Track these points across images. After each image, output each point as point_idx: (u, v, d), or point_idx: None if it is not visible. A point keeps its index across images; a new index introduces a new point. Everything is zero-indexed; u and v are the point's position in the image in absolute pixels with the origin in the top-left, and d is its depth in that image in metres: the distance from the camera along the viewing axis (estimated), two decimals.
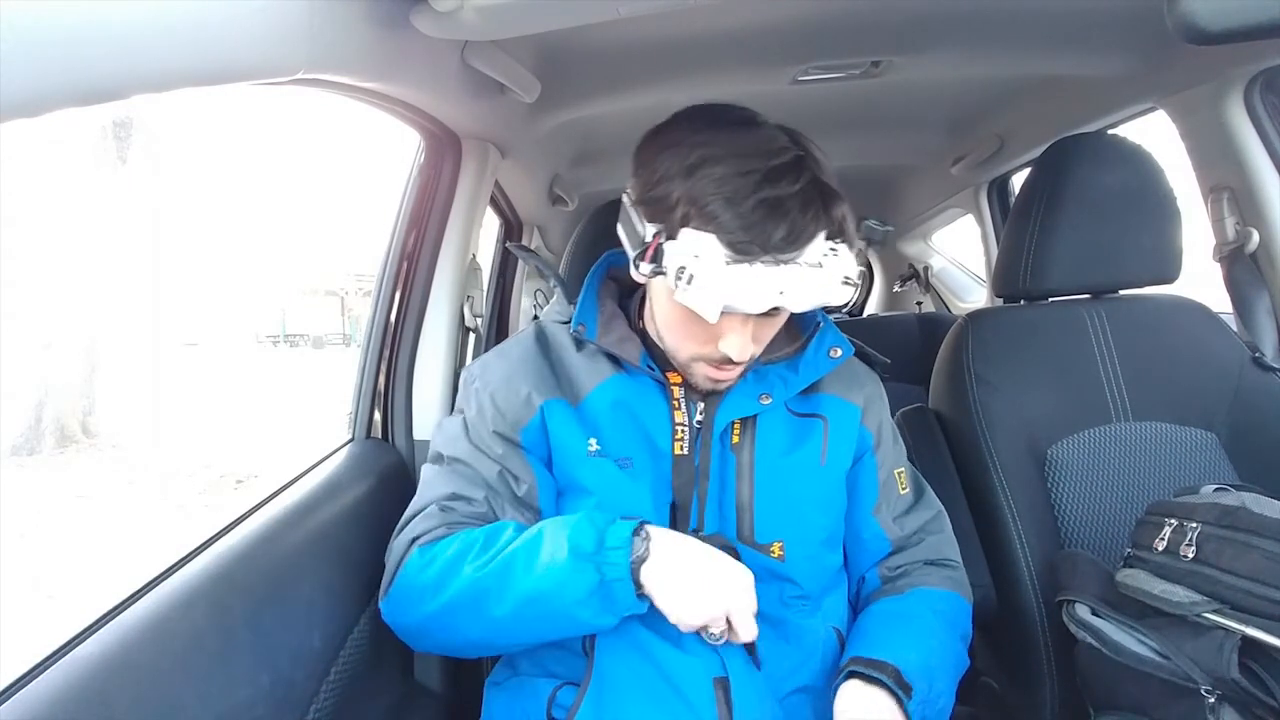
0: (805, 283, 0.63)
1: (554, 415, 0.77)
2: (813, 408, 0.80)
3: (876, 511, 0.82)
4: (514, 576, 0.67)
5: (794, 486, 0.77)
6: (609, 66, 1.16)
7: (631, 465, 0.76)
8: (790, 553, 0.76)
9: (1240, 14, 0.59)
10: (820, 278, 0.64)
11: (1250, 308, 1.13)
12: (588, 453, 0.76)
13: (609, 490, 0.75)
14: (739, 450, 0.77)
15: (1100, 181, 1.05)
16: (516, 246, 0.97)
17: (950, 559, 0.85)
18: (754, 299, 0.62)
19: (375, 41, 0.71)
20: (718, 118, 0.68)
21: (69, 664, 0.51)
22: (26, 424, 5.79)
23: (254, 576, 0.68)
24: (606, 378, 0.78)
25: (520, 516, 0.76)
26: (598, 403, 0.78)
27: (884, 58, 1.17)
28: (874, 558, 0.83)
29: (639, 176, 0.69)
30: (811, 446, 0.79)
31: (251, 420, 6.74)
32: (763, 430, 0.78)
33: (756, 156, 0.63)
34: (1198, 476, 1.00)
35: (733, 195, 0.62)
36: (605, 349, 0.78)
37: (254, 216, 13.30)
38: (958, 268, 2.67)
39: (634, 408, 0.77)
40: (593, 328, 0.79)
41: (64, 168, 5.92)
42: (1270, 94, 1.10)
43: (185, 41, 0.47)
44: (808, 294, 0.63)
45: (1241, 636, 0.67)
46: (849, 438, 0.81)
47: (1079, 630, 0.82)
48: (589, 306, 0.81)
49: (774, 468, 0.77)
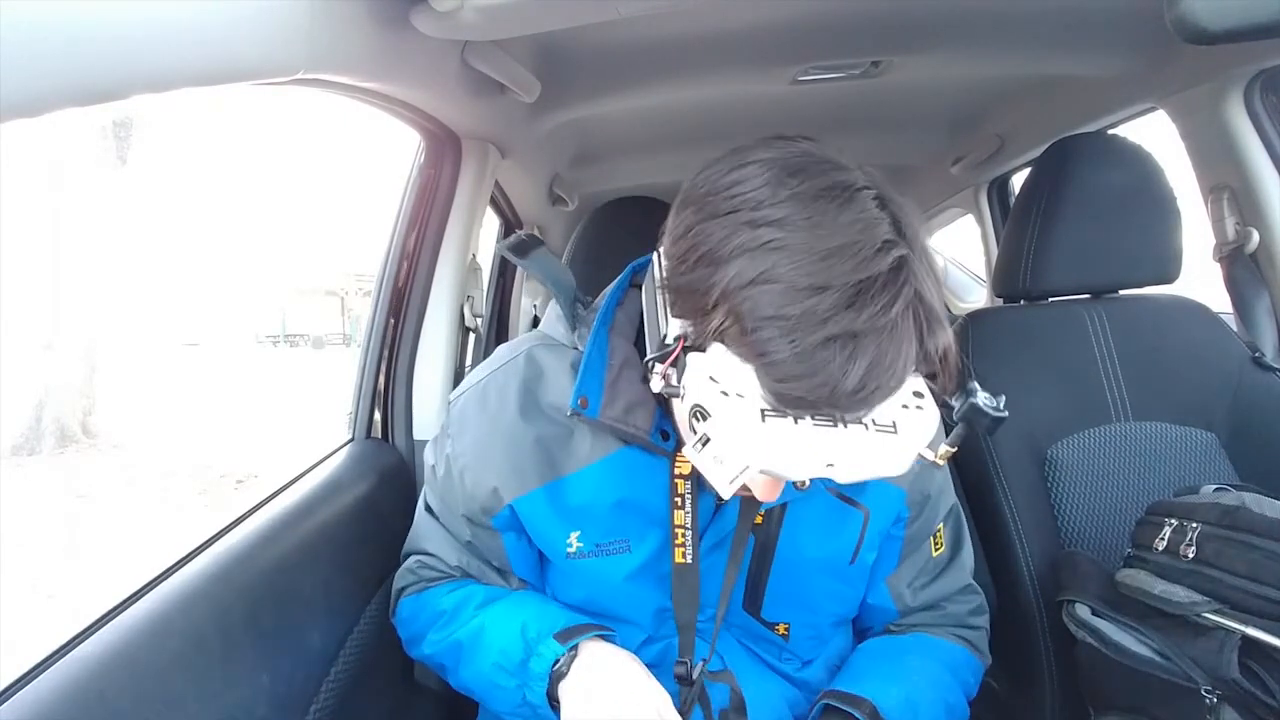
0: (867, 451, 0.46)
1: (526, 510, 0.68)
2: (855, 492, 0.65)
3: (890, 579, 0.75)
4: (461, 662, 0.68)
5: (813, 582, 0.70)
6: (609, 66, 1.16)
7: (628, 550, 0.67)
8: (795, 634, 0.72)
9: (1240, 14, 0.59)
10: (889, 446, 0.47)
11: (1250, 308, 1.13)
12: (566, 554, 0.68)
13: (598, 587, 0.69)
14: (763, 531, 0.67)
15: (1100, 181, 1.05)
16: (510, 247, 0.71)
17: (972, 625, 0.78)
18: (792, 465, 0.47)
19: (375, 41, 0.71)
20: (799, 171, 0.47)
21: (69, 664, 0.51)
22: (26, 424, 5.79)
23: (254, 576, 0.68)
24: (605, 455, 0.66)
25: (500, 580, 0.74)
26: (587, 486, 0.66)
27: (884, 58, 1.17)
28: (879, 622, 0.78)
29: (674, 238, 0.51)
30: (844, 542, 0.68)
31: (251, 420, 6.74)
32: (794, 515, 0.67)
33: (844, 258, 0.44)
34: (1198, 476, 1.00)
35: (799, 322, 0.44)
36: (609, 424, 0.62)
37: (254, 216, 13.31)
38: (958, 268, 2.67)
39: (635, 489, 0.66)
40: (596, 398, 0.62)
41: (64, 168, 5.92)
42: (1270, 94, 1.10)
43: (185, 41, 0.47)
44: (866, 465, 0.47)
45: (1241, 636, 0.67)
46: (885, 529, 0.71)
47: (1079, 630, 0.82)
48: (595, 368, 0.63)
49: (796, 561, 0.68)
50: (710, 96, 0.75)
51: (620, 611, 0.70)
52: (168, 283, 11.50)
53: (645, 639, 0.72)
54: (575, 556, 0.68)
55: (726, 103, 0.76)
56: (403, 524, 0.89)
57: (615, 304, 0.68)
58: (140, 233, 8.05)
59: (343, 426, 1.07)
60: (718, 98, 0.72)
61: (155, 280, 10.80)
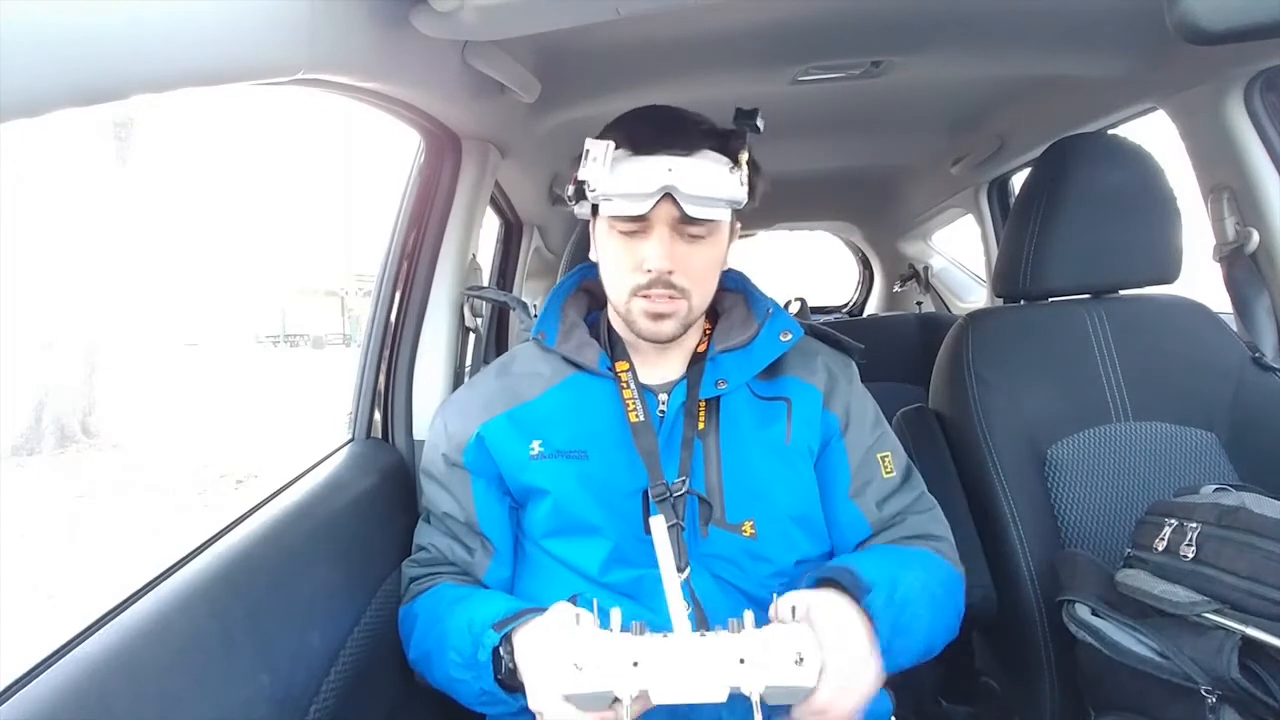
0: (694, 169, 0.70)
1: (491, 432, 0.81)
2: (776, 390, 0.82)
3: (855, 495, 0.82)
4: (433, 665, 0.74)
5: (760, 466, 0.79)
6: (609, 66, 1.16)
7: (587, 457, 0.78)
8: (761, 530, 0.77)
9: (1240, 14, 0.59)
10: (708, 166, 0.71)
11: (1250, 308, 1.13)
12: (530, 456, 0.79)
13: (562, 486, 0.78)
14: (705, 435, 0.79)
15: (1100, 181, 1.05)
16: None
17: (936, 534, 0.83)
18: (645, 180, 0.70)
19: (375, 41, 0.71)
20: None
21: (69, 664, 0.51)
22: (26, 424, 5.80)
23: (254, 576, 0.68)
24: (560, 380, 0.82)
25: (468, 557, 0.82)
26: (547, 405, 0.82)
27: (884, 58, 1.17)
28: (854, 540, 0.83)
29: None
30: (776, 428, 0.81)
31: (251, 420, 6.74)
32: (726, 414, 0.80)
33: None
34: (1198, 476, 1.00)
35: (632, 113, 0.76)
36: (563, 354, 0.82)
37: (254, 216, 13.31)
38: (958, 268, 2.67)
39: (588, 404, 0.80)
40: (553, 335, 0.84)
41: (64, 168, 5.92)
42: (1270, 94, 1.10)
43: (185, 41, 0.47)
44: (698, 178, 0.70)
45: (1241, 636, 0.67)
46: (812, 420, 0.82)
47: (1079, 630, 0.82)
48: (551, 315, 0.86)
49: (739, 449, 0.79)
50: (710, 96, 0.76)
51: (586, 517, 0.77)
52: (168, 283, 11.51)
53: (612, 549, 0.76)
54: (538, 458, 0.79)
55: (726, 103, 0.77)
56: (403, 524, 0.89)
57: (567, 290, 0.90)
58: (140, 233, 8.05)
59: (342, 426, 1.07)
60: (718, 98, 0.73)
61: (155, 280, 10.80)
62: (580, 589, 0.76)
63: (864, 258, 3.24)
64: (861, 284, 3.32)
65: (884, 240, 2.88)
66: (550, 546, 0.80)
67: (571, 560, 0.78)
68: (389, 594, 0.86)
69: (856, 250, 3.27)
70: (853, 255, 3.33)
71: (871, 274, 3.19)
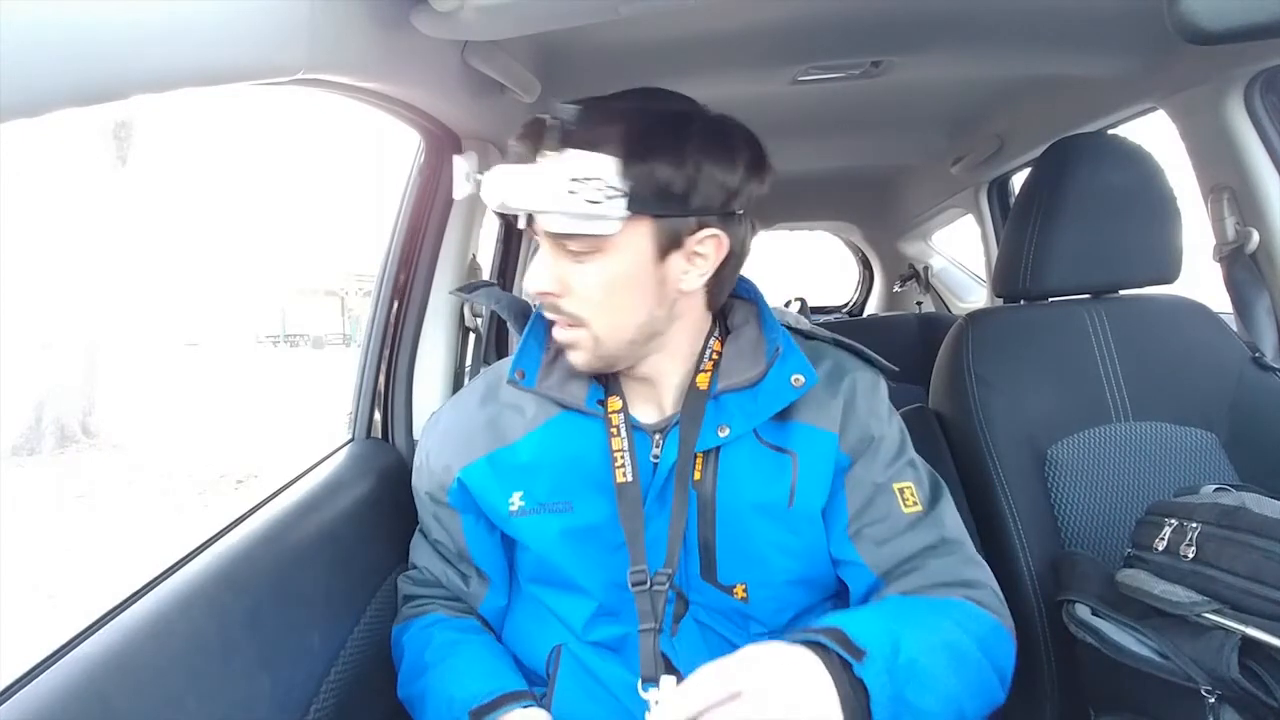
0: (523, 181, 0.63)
1: (472, 478, 0.75)
2: (783, 440, 0.72)
3: (854, 535, 0.72)
4: (415, 713, 0.74)
5: (757, 531, 0.71)
6: (609, 66, 1.16)
7: (571, 509, 0.72)
8: (754, 595, 0.72)
9: (1240, 14, 0.59)
10: (535, 177, 0.62)
11: (1250, 308, 1.13)
12: (509, 513, 0.73)
13: (543, 544, 0.73)
14: (701, 486, 0.71)
15: (1100, 181, 1.05)
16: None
17: (969, 579, 0.70)
18: (491, 197, 0.64)
19: (375, 41, 0.71)
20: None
21: (69, 664, 0.51)
22: (26, 424, 5.79)
23: (254, 576, 0.68)
24: (545, 420, 0.74)
25: (463, 585, 0.80)
26: (528, 450, 0.74)
27: (884, 58, 1.17)
28: (861, 587, 0.72)
29: None
30: (779, 488, 0.71)
31: (251, 420, 6.74)
32: (726, 465, 0.71)
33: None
34: (1198, 476, 1.00)
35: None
36: (545, 394, 0.74)
37: (254, 216, 13.31)
38: (958, 268, 2.67)
39: (573, 450, 0.73)
40: (533, 372, 0.74)
41: (64, 168, 5.92)
42: (1270, 94, 1.10)
43: (185, 41, 0.47)
44: (524, 193, 0.62)
45: (1241, 636, 0.67)
46: (822, 473, 0.71)
47: (1079, 630, 0.82)
48: (530, 349, 0.76)
49: (736, 510, 0.71)
50: (710, 96, 0.76)
51: (570, 575, 0.73)
52: (168, 283, 11.51)
53: (596, 608, 0.73)
54: (518, 514, 0.73)
55: (726, 103, 0.77)
56: (403, 524, 0.89)
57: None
58: (140, 233, 8.05)
59: (342, 426, 1.07)
60: (718, 98, 0.73)
61: (155, 280, 10.80)
62: (565, 640, 0.74)
63: (864, 258, 3.24)
64: (861, 284, 3.32)
65: (884, 240, 2.88)
66: (537, 593, 0.77)
67: (558, 610, 0.75)
68: (389, 594, 0.85)
69: (856, 250, 3.27)
70: (853, 255, 3.34)
71: (871, 274, 3.19)
